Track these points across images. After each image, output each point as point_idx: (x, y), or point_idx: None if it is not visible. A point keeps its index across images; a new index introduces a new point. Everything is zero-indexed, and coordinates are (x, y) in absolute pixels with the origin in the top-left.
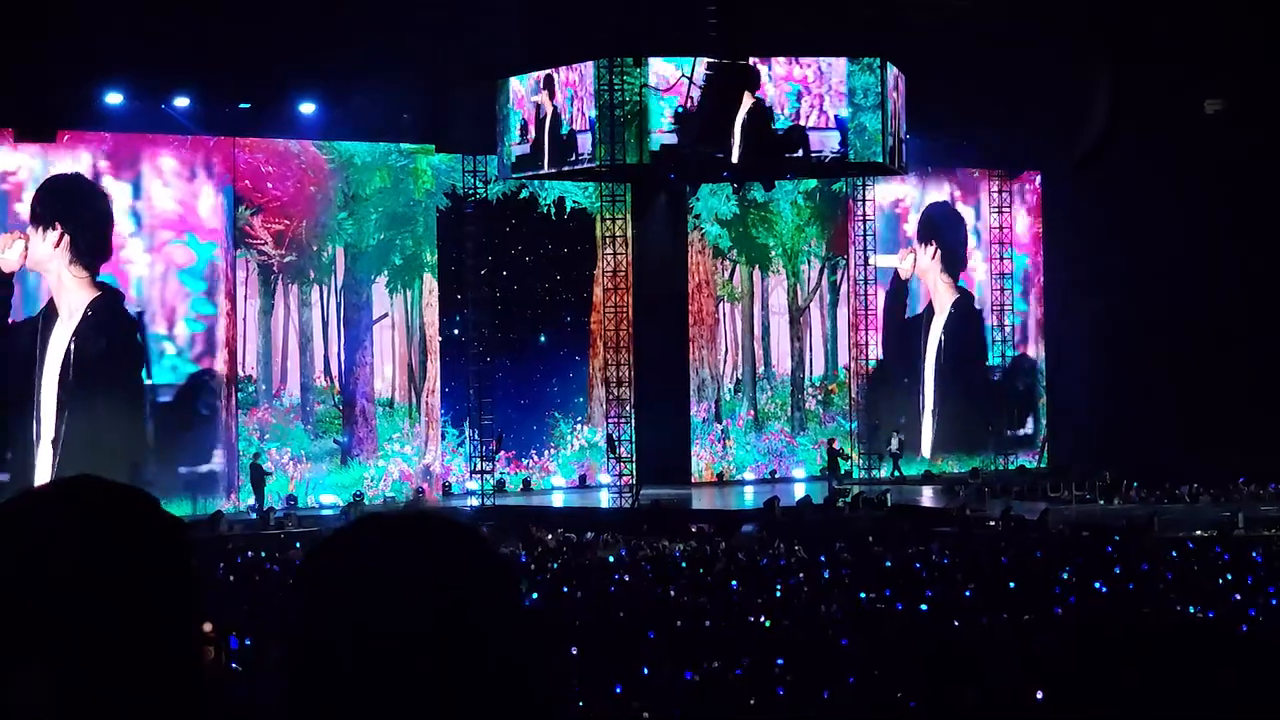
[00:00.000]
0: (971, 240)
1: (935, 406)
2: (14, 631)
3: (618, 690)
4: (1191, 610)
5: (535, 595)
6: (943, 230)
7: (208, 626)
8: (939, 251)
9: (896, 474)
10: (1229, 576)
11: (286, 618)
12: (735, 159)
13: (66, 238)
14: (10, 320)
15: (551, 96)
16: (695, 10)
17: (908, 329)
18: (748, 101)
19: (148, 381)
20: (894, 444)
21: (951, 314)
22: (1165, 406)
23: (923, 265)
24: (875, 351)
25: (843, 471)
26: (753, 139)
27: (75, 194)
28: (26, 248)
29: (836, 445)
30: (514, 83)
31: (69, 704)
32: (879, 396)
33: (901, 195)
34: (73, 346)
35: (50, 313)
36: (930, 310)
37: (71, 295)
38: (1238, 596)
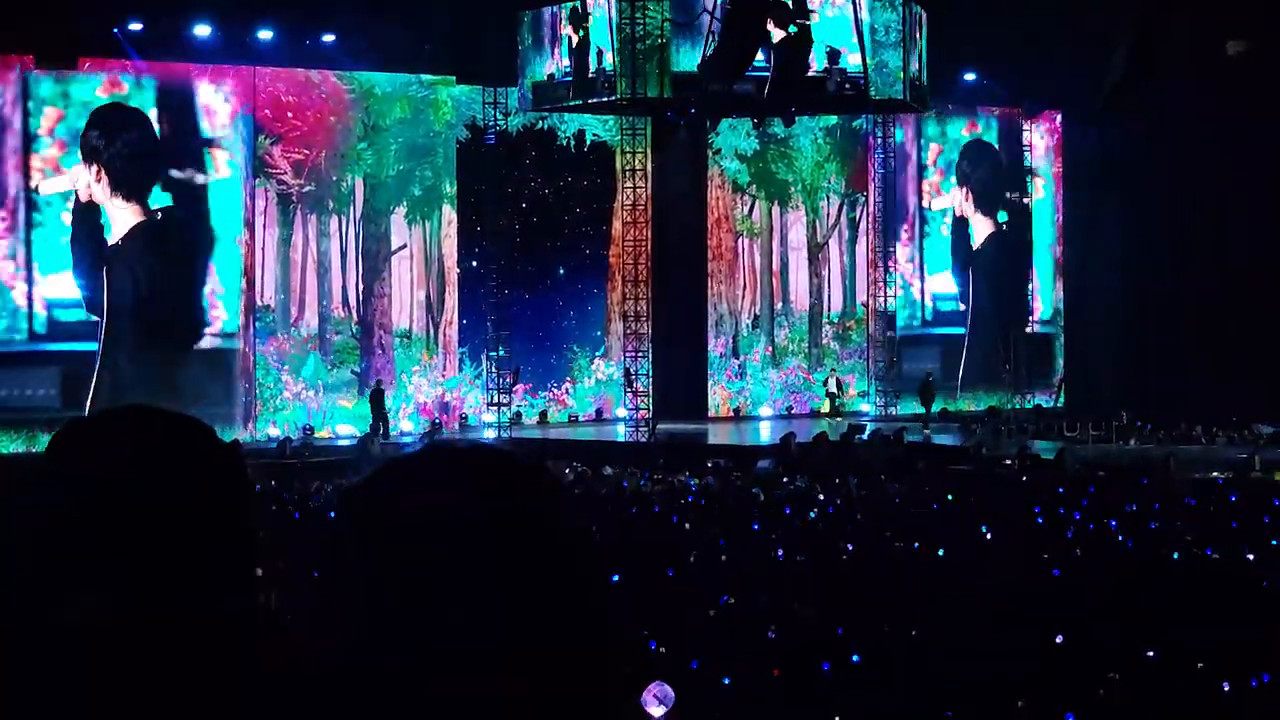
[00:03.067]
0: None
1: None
2: (68, 558)
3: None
4: (1209, 552)
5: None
6: (973, 168)
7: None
8: (970, 192)
9: (835, 414)
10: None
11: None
12: (766, 90)
13: (102, 170)
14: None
15: (578, 29)
16: None
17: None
18: (778, 34)
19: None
20: (831, 384)
21: (986, 251)
22: (1183, 348)
23: (961, 205)
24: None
25: (936, 410)
26: (787, 71)
27: (110, 124)
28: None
29: (931, 378)
30: (538, 14)
31: (119, 632)
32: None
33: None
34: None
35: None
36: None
37: (120, 225)
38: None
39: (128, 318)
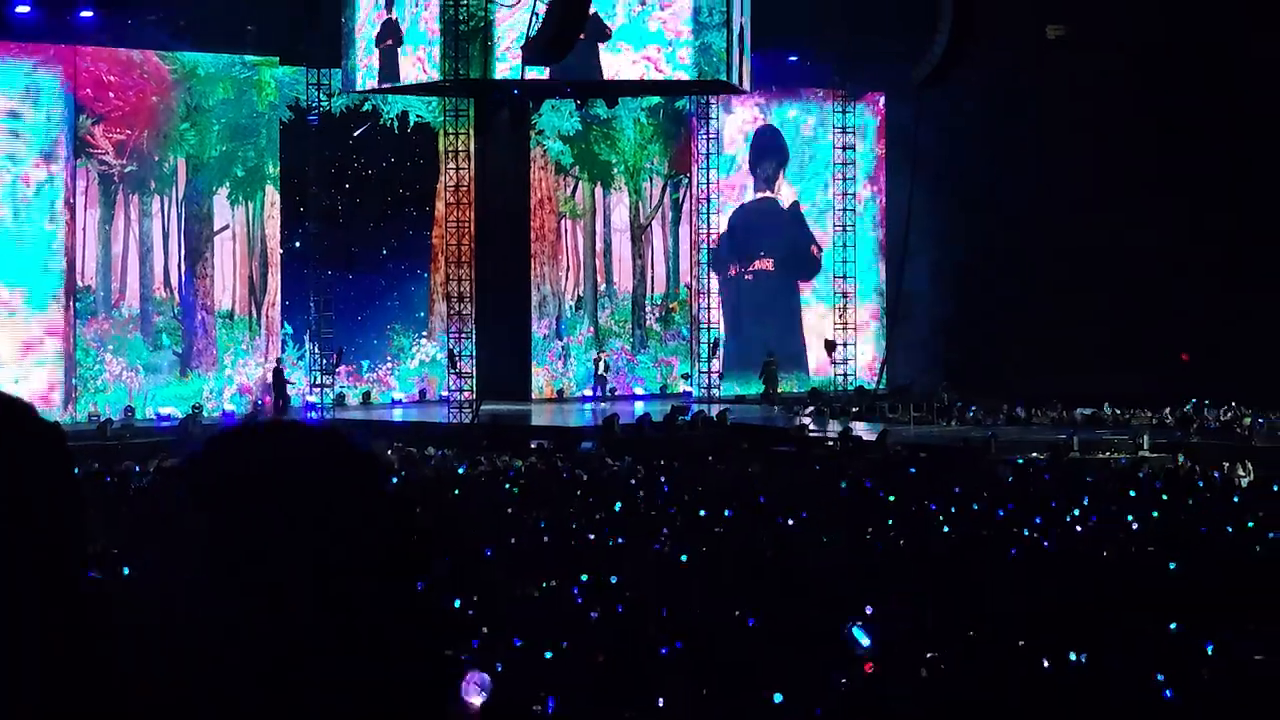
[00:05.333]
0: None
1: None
2: None
3: (456, 606)
4: (1027, 532)
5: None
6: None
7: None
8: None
9: (603, 394)
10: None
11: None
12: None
13: None
14: None
15: (390, 9)
16: None
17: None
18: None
19: None
20: (601, 366)
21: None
22: (1003, 329)
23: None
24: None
25: (778, 390)
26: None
27: None
28: None
29: (774, 360)
30: None
31: None
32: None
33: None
34: None
35: None
36: None
37: None
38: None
39: None
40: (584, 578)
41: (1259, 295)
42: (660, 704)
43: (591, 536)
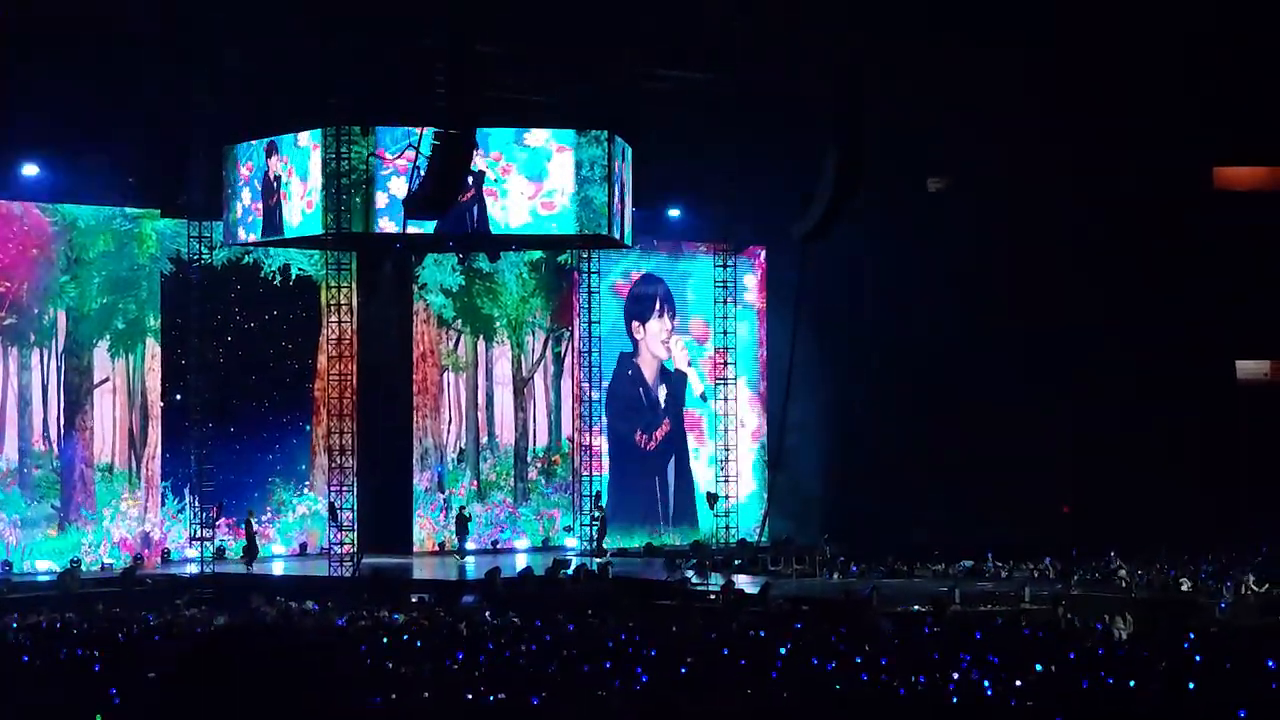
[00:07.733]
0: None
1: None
2: None
3: None
4: (905, 685)
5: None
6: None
7: None
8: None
9: (460, 547)
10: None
11: None
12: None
13: None
14: None
15: (271, 162)
16: (424, 80)
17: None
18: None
19: None
20: (464, 511)
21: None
22: (887, 481)
23: (661, 337)
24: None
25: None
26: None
27: None
28: None
29: (603, 513)
30: (242, 149)
31: None
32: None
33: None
34: None
35: None
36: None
37: None
38: (956, 675)
39: None
40: None
41: (1138, 449)
42: None
43: (469, 696)
